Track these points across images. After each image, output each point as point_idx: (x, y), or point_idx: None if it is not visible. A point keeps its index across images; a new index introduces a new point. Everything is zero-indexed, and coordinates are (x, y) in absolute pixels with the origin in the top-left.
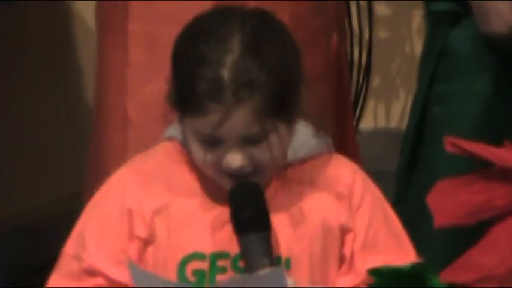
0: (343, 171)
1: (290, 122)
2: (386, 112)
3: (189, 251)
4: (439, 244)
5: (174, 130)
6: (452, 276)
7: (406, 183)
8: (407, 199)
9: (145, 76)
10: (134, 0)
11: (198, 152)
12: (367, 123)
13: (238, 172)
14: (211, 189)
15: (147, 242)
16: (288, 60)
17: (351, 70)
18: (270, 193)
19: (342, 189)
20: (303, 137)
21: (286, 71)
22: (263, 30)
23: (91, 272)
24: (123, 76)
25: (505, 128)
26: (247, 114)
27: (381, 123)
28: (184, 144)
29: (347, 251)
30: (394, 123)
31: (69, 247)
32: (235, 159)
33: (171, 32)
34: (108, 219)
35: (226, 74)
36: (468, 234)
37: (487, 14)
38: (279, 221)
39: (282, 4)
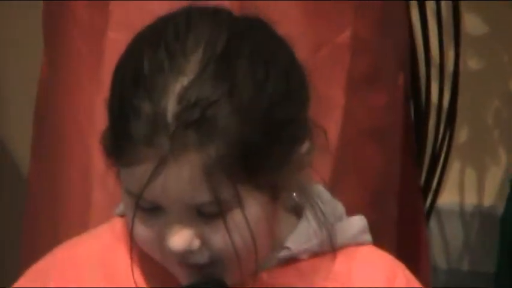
0: (373, 274)
1: (272, 193)
2: (477, 181)
3: None
4: None
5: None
6: None
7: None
8: None
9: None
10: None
11: (135, 225)
12: (449, 198)
13: (185, 260)
14: (162, 278)
15: None
16: (274, 94)
17: (427, 117)
18: None
19: None
20: (307, 222)
21: (269, 109)
22: (243, 46)
23: None
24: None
25: None
26: (191, 169)
27: (470, 197)
28: None
29: None
30: (489, 198)
31: None
32: (175, 238)
33: None
34: None
35: (170, 105)
36: None
37: None
38: None
39: (343, 17)
